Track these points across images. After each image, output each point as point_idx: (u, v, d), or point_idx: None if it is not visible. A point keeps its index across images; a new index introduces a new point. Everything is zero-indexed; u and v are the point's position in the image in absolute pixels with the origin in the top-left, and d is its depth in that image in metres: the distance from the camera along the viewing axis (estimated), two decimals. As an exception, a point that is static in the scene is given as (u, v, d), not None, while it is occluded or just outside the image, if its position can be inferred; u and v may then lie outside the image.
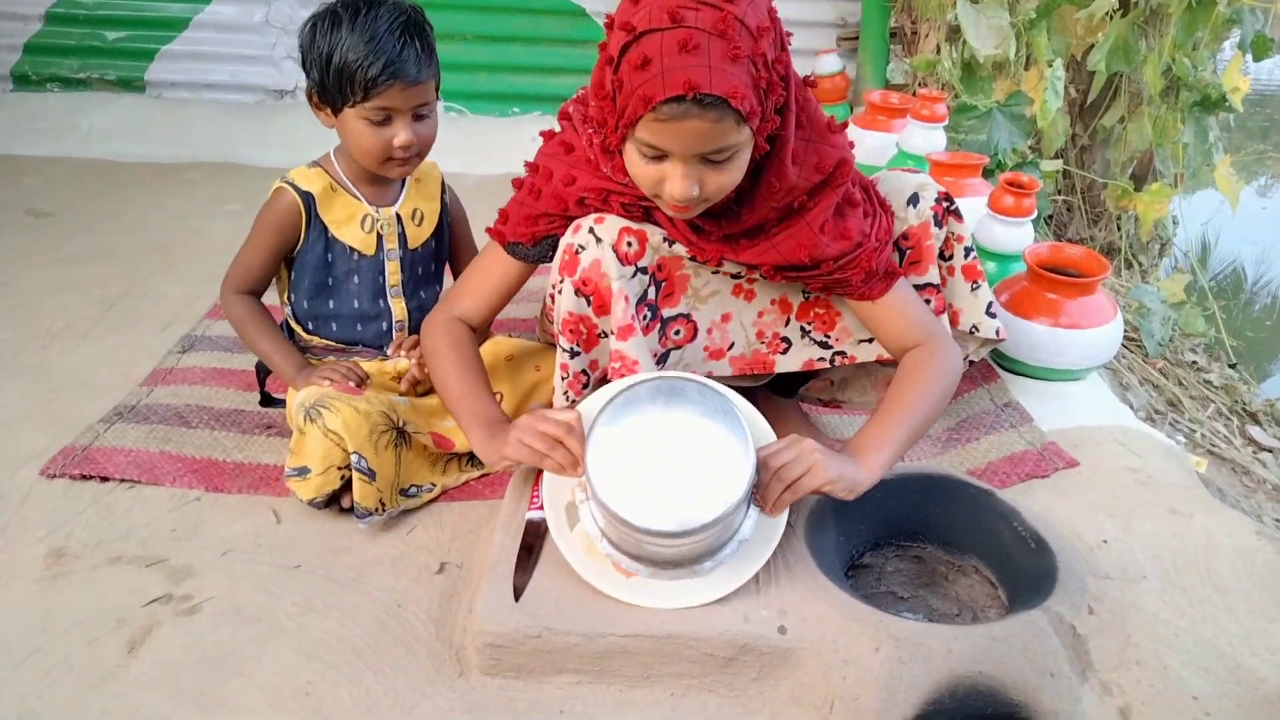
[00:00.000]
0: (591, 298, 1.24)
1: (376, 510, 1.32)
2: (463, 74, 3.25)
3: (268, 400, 1.62)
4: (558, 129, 1.32)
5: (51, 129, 3.05)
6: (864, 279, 1.27)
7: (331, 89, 1.37)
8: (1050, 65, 2.42)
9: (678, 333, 1.35)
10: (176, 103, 3.25)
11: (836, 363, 1.41)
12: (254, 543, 1.32)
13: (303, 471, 1.31)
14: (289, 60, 3.23)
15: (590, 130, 1.22)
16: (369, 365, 1.49)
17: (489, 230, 1.35)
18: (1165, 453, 1.54)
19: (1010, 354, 1.73)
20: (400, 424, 1.37)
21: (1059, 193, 2.96)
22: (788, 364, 1.41)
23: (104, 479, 1.42)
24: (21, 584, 1.22)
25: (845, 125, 1.26)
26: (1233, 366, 2.49)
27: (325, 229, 1.47)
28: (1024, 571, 1.21)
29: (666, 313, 1.33)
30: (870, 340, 1.38)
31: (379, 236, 1.50)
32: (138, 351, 1.80)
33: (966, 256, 1.39)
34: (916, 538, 1.30)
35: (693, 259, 1.29)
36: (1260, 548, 1.25)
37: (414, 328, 1.54)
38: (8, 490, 1.39)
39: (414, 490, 1.40)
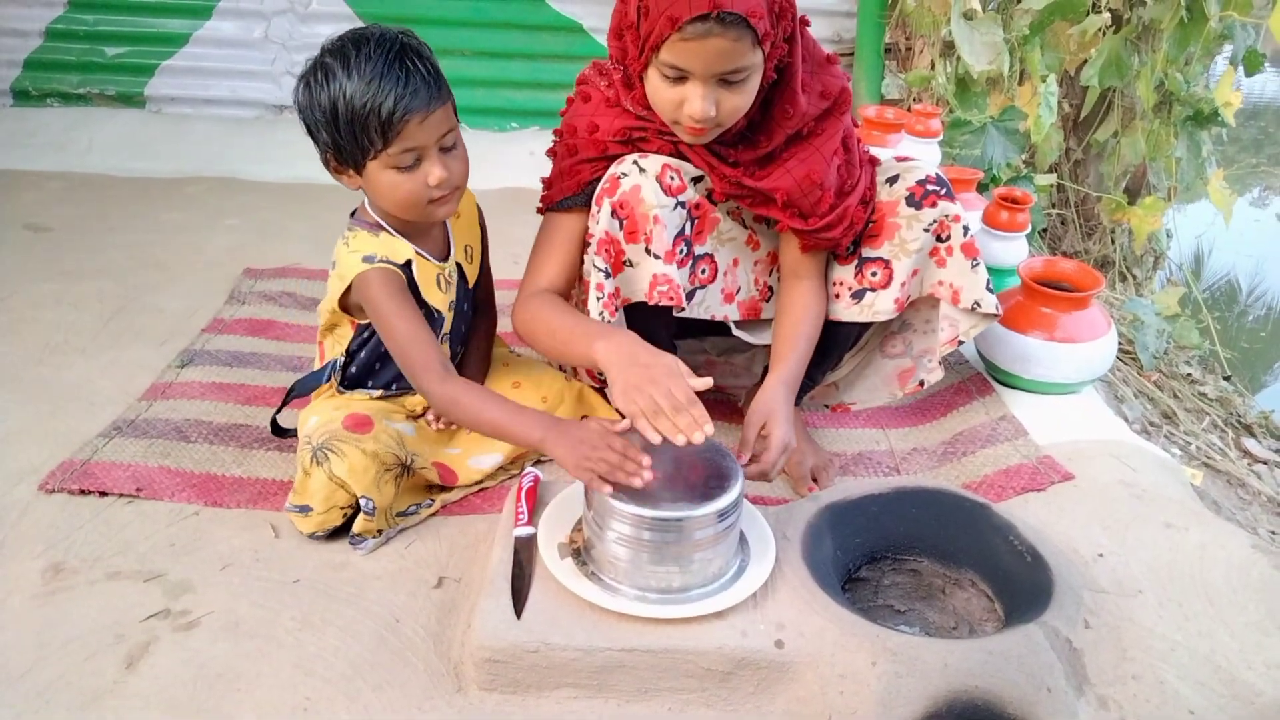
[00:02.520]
0: (625, 221, 1.30)
1: (373, 536, 1.33)
2: (461, 89, 3.19)
3: (277, 430, 1.54)
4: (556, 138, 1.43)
5: (51, 144, 3.06)
6: (846, 226, 1.38)
7: (347, 146, 1.25)
8: (1044, 80, 2.45)
9: (704, 271, 1.43)
10: (176, 118, 3.26)
11: None
12: (253, 557, 1.32)
13: (304, 509, 1.31)
14: (288, 75, 3.24)
15: (612, 67, 1.33)
16: (399, 399, 1.48)
17: (539, 209, 1.42)
18: (1160, 466, 1.55)
19: (1005, 368, 1.74)
20: (407, 460, 1.35)
21: (1053, 206, 2.97)
22: (769, 310, 1.54)
23: (103, 494, 1.42)
24: (19, 599, 1.22)
25: (838, 59, 1.38)
26: (1227, 379, 2.50)
27: (418, 292, 1.35)
28: (1020, 585, 1.21)
29: (698, 250, 1.41)
30: (836, 298, 1.48)
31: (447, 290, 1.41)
32: (136, 366, 1.80)
33: (965, 235, 1.43)
34: (913, 551, 1.31)
35: (715, 201, 1.39)
36: (1255, 561, 1.25)
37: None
38: (6, 505, 1.39)
39: (413, 509, 1.40)
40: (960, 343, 1.49)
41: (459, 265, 1.44)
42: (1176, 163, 2.68)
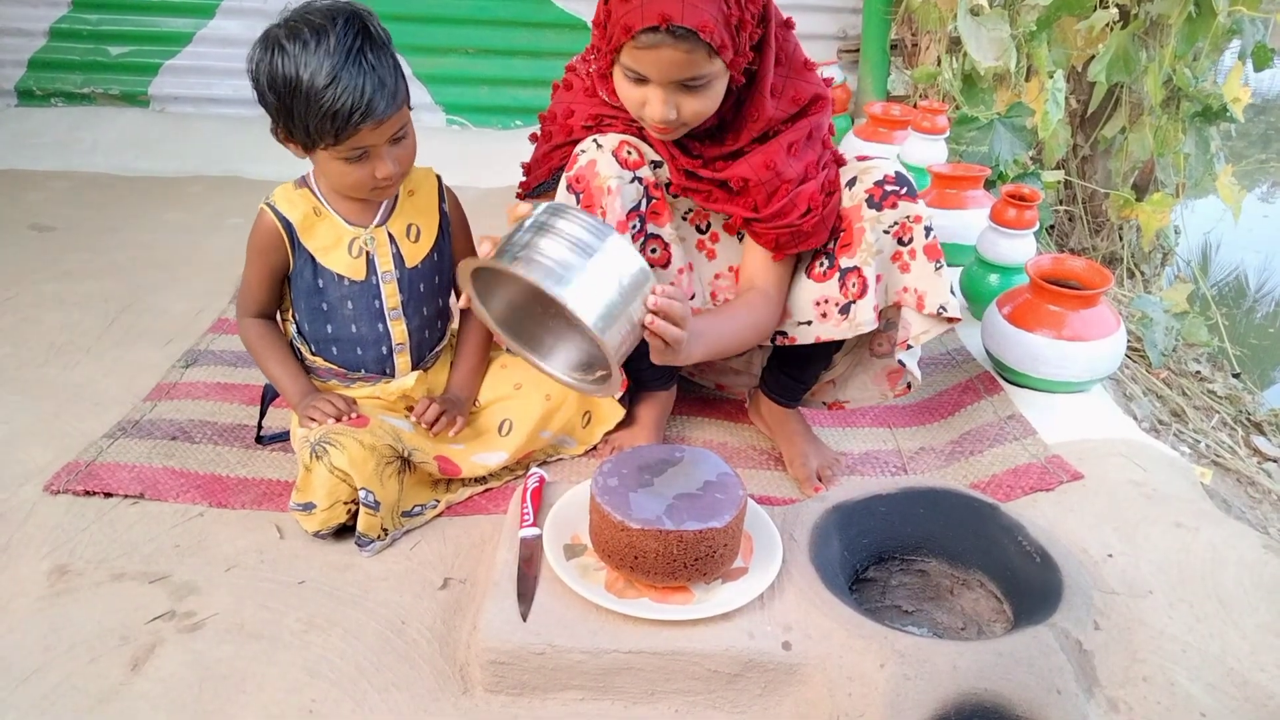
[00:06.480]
0: (581, 195, 1.33)
1: (379, 537, 1.32)
2: (465, 87, 3.27)
3: (261, 438, 1.56)
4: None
5: (55, 143, 3.06)
6: (804, 212, 1.33)
7: (297, 131, 1.26)
8: (1051, 76, 2.43)
9: (654, 251, 1.42)
10: (179, 117, 3.26)
11: (777, 342, 1.47)
12: (258, 558, 1.31)
13: (308, 507, 1.30)
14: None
15: (591, 57, 1.36)
16: (372, 389, 1.47)
17: (518, 194, 1.45)
18: (1170, 465, 1.54)
19: (1013, 366, 1.73)
20: (406, 453, 1.36)
21: (1060, 203, 2.96)
22: None
23: (107, 495, 1.41)
24: (24, 601, 1.22)
25: (815, 66, 1.38)
26: (1236, 376, 2.49)
27: (311, 255, 1.39)
28: (1029, 586, 1.21)
29: (651, 228, 1.41)
30: (809, 323, 1.44)
31: (369, 259, 1.40)
32: (141, 366, 1.80)
33: (927, 236, 1.38)
34: (921, 552, 1.30)
35: (673, 195, 1.40)
36: (1267, 561, 1.24)
37: (416, 349, 1.48)
38: (11, 507, 1.39)
39: (417, 510, 1.40)
40: (909, 346, 1.43)
41: (393, 239, 1.42)
42: (1185, 159, 2.66)
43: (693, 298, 1.47)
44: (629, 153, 1.34)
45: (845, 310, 1.40)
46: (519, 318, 1.18)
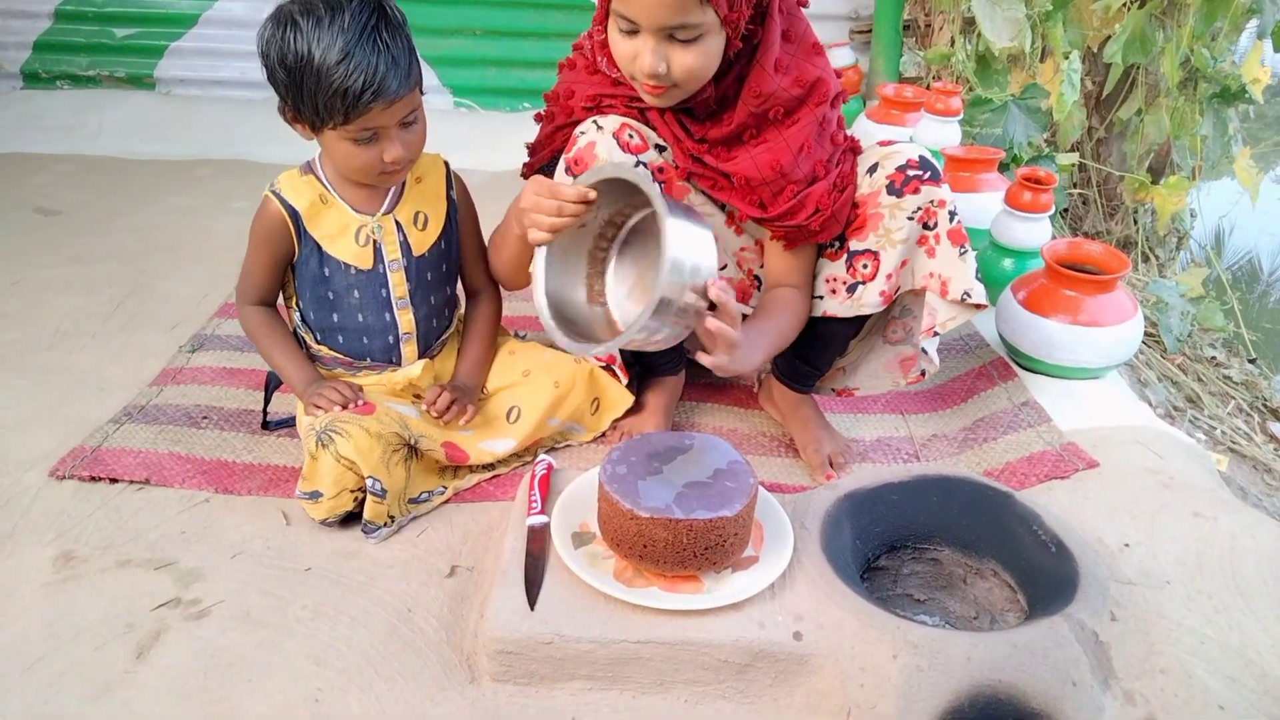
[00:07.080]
0: (578, 178, 1.31)
1: (386, 524, 1.31)
2: (473, 69, 3.24)
3: (267, 424, 1.55)
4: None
5: (61, 127, 3.05)
6: (811, 212, 1.32)
7: (305, 109, 1.24)
8: (1066, 57, 2.39)
9: None
10: (186, 100, 3.24)
11: None
12: (264, 545, 1.31)
13: (314, 495, 1.29)
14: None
15: (595, 29, 1.34)
16: (377, 377, 1.46)
17: (522, 175, 1.46)
18: (1187, 453, 1.51)
19: (1028, 352, 1.70)
20: (413, 440, 1.34)
21: (1075, 186, 2.92)
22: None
23: (113, 480, 1.40)
24: (30, 588, 1.21)
25: (825, 51, 1.36)
26: (1252, 361, 2.46)
27: (317, 244, 1.37)
28: (1044, 575, 1.19)
29: None
30: (821, 298, 1.45)
31: (376, 247, 1.38)
32: (147, 351, 1.79)
33: (951, 221, 1.37)
34: (933, 540, 1.28)
35: (687, 180, 1.38)
36: (1286, 551, 1.22)
37: (423, 337, 1.47)
38: (17, 492, 1.38)
39: (425, 496, 1.38)
40: (936, 333, 1.41)
41: (400, 227, 1.40)
42: (1201, 141, 2.62)
43: (724, 267, 1.47)
44: (630, 136, 1.32)
45: (852, 290, 1.42)
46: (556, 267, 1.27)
